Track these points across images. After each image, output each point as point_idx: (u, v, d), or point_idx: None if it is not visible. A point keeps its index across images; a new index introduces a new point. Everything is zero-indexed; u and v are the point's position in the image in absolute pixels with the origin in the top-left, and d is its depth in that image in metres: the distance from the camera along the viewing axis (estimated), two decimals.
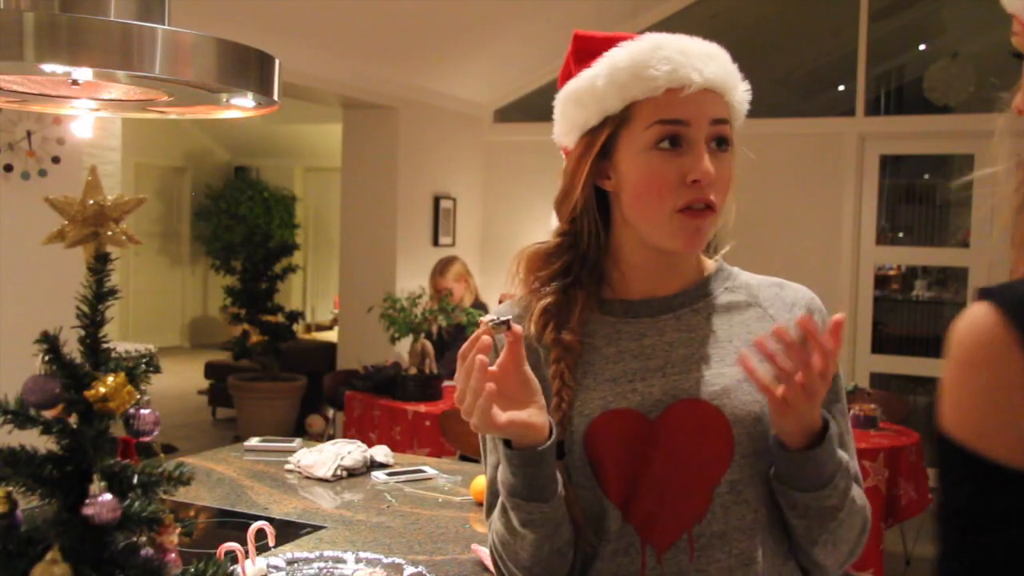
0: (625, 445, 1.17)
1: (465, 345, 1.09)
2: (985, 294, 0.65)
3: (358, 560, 1.78)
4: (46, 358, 1.06)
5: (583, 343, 1.22)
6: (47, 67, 1.08)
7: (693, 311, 1.23)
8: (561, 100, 1.25)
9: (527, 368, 1.12)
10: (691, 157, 1.15)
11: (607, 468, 1.17)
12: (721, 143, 1.17)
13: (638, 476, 1.17)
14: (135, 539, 1.09)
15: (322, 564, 1.77)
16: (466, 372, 1.08)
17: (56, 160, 3.87)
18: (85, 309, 1.10)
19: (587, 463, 1.18)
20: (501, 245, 7.37)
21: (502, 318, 1.10)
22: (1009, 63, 0.83)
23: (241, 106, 1.33)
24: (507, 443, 1.12)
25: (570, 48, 1.26)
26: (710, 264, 1.30)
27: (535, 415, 1.11)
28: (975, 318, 0.64)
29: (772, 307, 1.25)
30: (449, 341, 5.45)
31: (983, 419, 0.62)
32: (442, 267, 5.49)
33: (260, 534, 1.73)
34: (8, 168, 3.73)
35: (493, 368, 1.09)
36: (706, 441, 1.16)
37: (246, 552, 1.67)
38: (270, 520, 2.04)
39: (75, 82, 1.17)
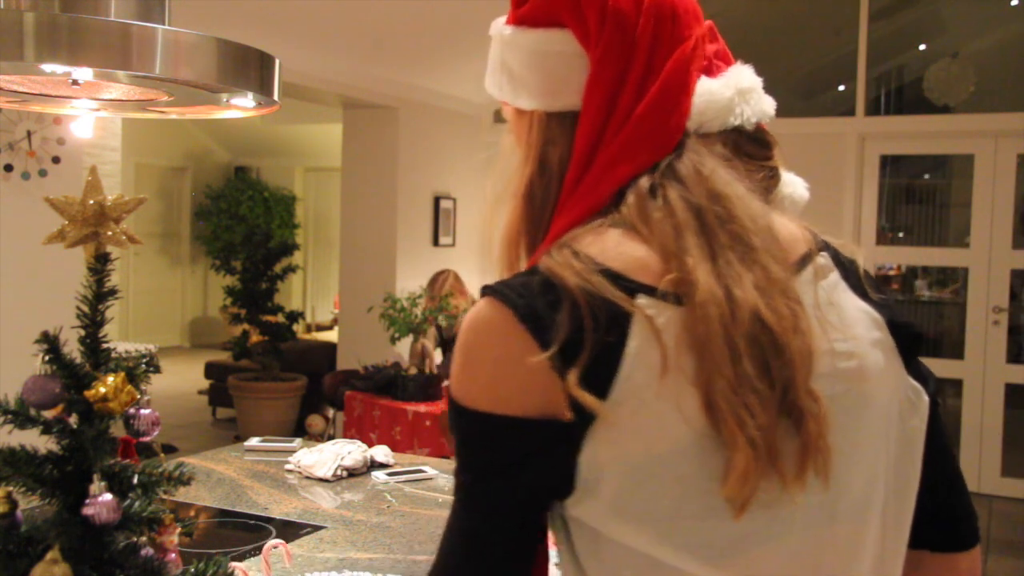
0: None
1: None
2: (485, 291, 0.78)
3: None
4: (46, 358, 1.06)
5: None
6: (47, 67, 1.08)
7: None
8: None
9: None
10: None
11: None
12: None
13: None
14: (135, 539, 1.09)
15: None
16: None
17: (56, 160, 3.87)
18: (85, 309, 1.10)
19: None
20: None
21: None
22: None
23: (241, 106, 1.33)
24: None
25: None
26: None
27: None
28: (480, 310, 0.77)
29: None
30: (449, 341, 5.45)
31: (496, 386, 0.75)
32: (440, 286, 5.52)
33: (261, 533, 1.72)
34: (8, 168, 3.73)
35: None
36: None
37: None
38: (269, 520, 2.04)
39: (75, 82, 1.17)
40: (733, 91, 1.19)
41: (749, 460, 0.71)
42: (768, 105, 1.21)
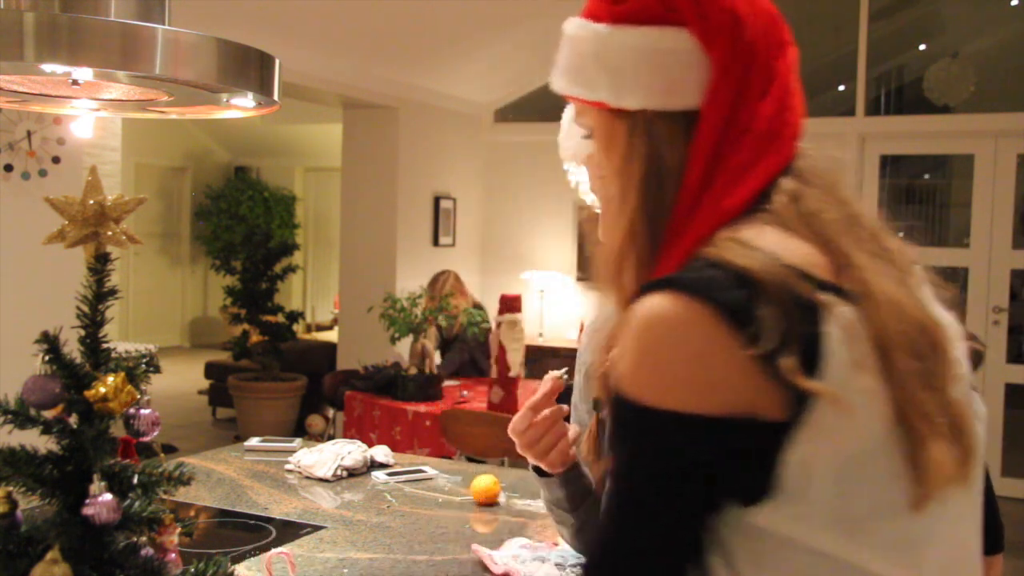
0: None
1: (540, 399, 1.24)
2: (666, 284, 0.74)
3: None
4: (46, 358, 1.06)
5: None
6: (47, 67, 1.08)
7: None
8: None
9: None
10: None
11: None
12: None
13: None
14: (135, 539, 1.09)
15: None
16: (550, 420, 1.24)
17: (56, 160, 3.87)
18: (85, 309, 1.10)
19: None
20: (501, 245, 7.37)
21: (565, 374, 1.26)
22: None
23: (241, 106, 1.33)
24: (537, 471, 1.30)
25: None
26: None
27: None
28: (666, 305, 0.73)
29: None
30: (449, 341, 5.45)
31: (693, 383, 0.72)
32: (441, 286, 5.52)
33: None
34: (8, 168, 3.73)
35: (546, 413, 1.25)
36: None
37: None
38: (269, 520, 2.04)
39: (75, 82, 1.17)
40: None
41: (943, 454, 0.72)
42: None
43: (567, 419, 1.28)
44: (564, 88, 0.90)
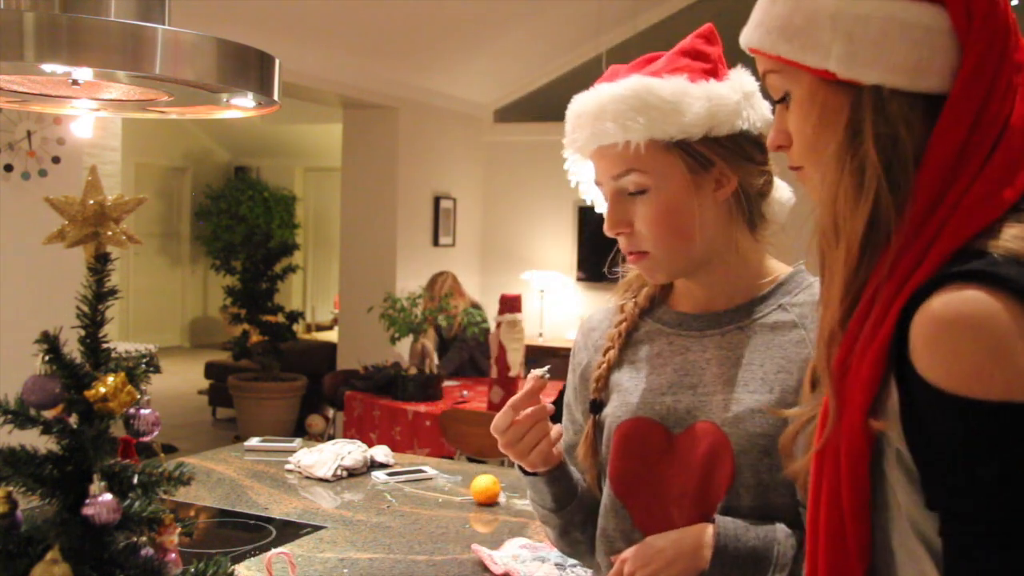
0: (641, 451, 1.22)
1: (521, 397, 1.21)
2: (971, 278, 0.72)
3: None
4: (46, 358, 1.06)
5: (640, 346, 1.28)
6: (47, 67, 1.08)
7: (739, 328, 1.23)
8: None
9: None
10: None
11: (617, 466, 1.24)
12: (634, 189, 1.19)
13: (648, 484, 1.22)
14: (135, 539, 1.09)
15: None
16: (532, 418, 1.21)
17: (56, 160, 3.87)
18: (85, 309, 1.10)
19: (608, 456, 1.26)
20: (501, 245, 7.37)
21: (547, 373, 1.24)
22: None
23: (241, 106, 1.33)
24: (523, 469, 1.28)
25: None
26: (782, 273, 1.28)
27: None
28: (988, 301, 0.71)
29: (815, 329, 1.22)
30: (449, 341, 5.46)
31: None
32: (439, 287, 5.53)
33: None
34: (8, 168, 3.73)
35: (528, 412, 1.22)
36: (713, 465, 1.17)
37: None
38: (269, 520, 2.04)
39: (75, 82, 1.17)
40: (740, 95, 1.19)
41: None
42: (767, 109, 1.21)
43: (554, 418, 1.27)
44: (772, 46, 0.85)
